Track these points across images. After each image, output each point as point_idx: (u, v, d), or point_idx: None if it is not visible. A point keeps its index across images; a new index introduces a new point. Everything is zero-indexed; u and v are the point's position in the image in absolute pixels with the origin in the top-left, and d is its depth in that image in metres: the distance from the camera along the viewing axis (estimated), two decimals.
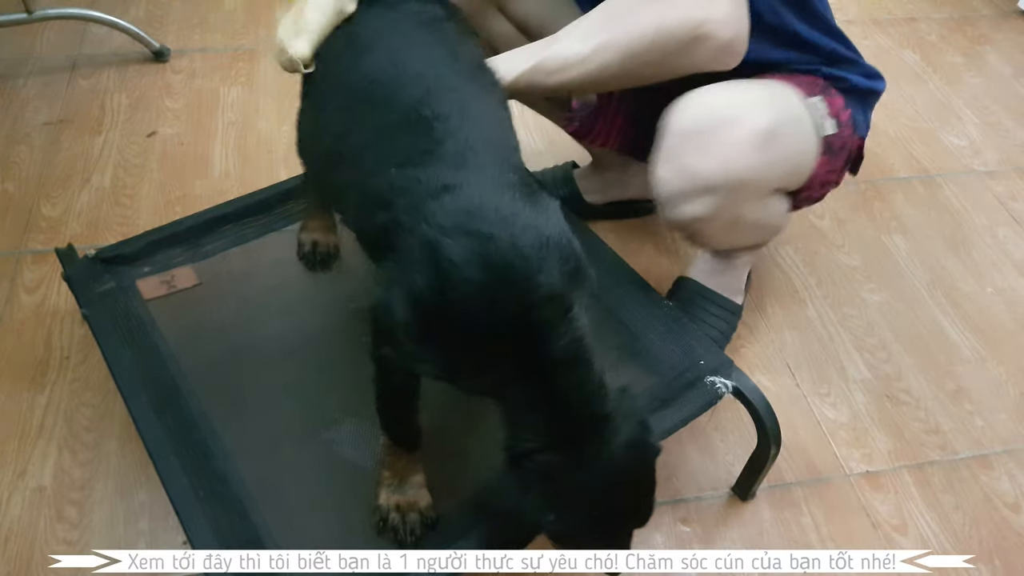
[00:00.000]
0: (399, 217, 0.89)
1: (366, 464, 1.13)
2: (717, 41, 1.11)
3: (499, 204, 0.87)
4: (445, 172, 0.90)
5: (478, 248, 0.83)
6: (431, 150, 0.92)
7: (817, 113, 1.25)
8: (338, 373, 1.25)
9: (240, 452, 1.13)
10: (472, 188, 0.88)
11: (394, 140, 0.95)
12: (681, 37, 1.11)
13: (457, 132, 0.93)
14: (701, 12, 1.09)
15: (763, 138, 1.15)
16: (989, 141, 2.07)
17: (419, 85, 0.97)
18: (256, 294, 1.36)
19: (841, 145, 1.30)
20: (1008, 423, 1.45)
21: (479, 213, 0.85)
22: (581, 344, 0.87)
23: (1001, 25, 2.52)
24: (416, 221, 0.87)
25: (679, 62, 1.14)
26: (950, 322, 1.62)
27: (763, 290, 1.63)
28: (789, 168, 1.25)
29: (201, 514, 1.03)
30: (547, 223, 0.88)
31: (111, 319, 1.26)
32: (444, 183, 0.88)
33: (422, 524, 1.04)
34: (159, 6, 2.28)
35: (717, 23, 1.09)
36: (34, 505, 1.21)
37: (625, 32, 1.13)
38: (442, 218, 0.85)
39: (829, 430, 1.41)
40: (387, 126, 0.97)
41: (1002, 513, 1.32)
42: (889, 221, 1.83)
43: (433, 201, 0.87)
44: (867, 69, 1.35)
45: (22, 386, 1.36)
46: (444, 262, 0.83)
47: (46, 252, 1.56)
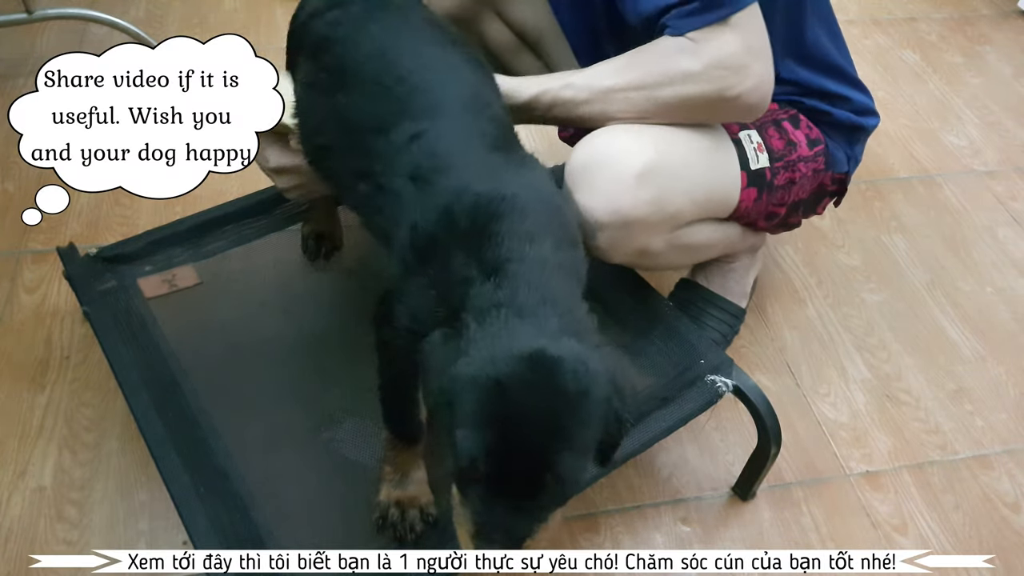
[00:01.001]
0: (380, 182, 0.94)
1: (367, 463, 1.13)
2: (744, 105, 1.13)
3: (467, 146, 0.92)
4: (412, 124, 0.94)
5: (443, 181, 0.88)
6: (400, 110, 0.96)
7: (748, 147, 1.24)
8: (338, 372, 1.25)
9: (241, 450, 1.13)
10: (439, 133, 0.92)
11: (370, 110, 0.99)
12: (712, 98, 1.11)
13: (427, 88, 0.96)
14: (736, 80, 1.09)
15: (642, 176, 1.12)
16: (989, 141, 2.07)
17: (389, 57, 1.01)
18: (257, 293, 1.36)
19: (789, 180, 1.28)
20: (1008, 423, 1.45)
21: (444, 154, 0.90)
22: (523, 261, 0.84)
23: (1001, 25, 2.52)
24: (389, 179, 0.92)
25: (701, 117, 1.17)
26: (950, 322, 1.62)
27: (763, 290, 1.63)
28: (699, 200, 1.22)
29: (202, 511, 1.03)
30: (520, 167, 0.94)
31: (112, 317, 1.26)
32: (411, 134, 0.93)
33: (422, 521, 1.04)
34: (159, 6, 2.28)
35: (748, 89, 1.11)
36: (34, 505, 1.21)
37: (656, 83, 1.12)
38: (408, 166, 0.90)
39: (829, 430, 1.41)
40: (361, 100, 1.01)
41: (1002, 513, 1.32)
42: (889, 221, 1.83)
43: (402, 154, 0.92)
44: (859, 105, 1.35)
45: (22, 386, 1.36)
46: (408, 197, 0.88)
47: (46, 252, 1.56)
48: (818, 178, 1.33)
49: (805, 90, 1.31)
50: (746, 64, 1.10)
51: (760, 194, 1.27)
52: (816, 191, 1.36)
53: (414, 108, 0.96)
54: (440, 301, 0.87)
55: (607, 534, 1.24)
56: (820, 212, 1.45)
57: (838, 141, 1.35)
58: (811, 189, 1.34)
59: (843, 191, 1.42)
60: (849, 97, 1.33)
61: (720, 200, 1.25)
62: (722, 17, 1.07)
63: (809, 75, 1.30)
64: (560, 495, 0.77)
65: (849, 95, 1.34)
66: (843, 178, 1.39)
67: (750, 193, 1.26)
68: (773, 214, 1.33)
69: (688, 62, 1.09)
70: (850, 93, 1.34)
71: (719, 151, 1.23)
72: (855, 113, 1.34)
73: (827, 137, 1.33)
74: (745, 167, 1.24)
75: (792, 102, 1.32)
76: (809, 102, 1.31)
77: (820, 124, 1.33)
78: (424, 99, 0.96)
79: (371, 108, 1.00)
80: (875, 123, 1.38)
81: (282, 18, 2.21)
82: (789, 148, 1.28)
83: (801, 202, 1.35)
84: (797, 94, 1.31)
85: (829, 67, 1.32)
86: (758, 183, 1.26)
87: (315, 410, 1.20)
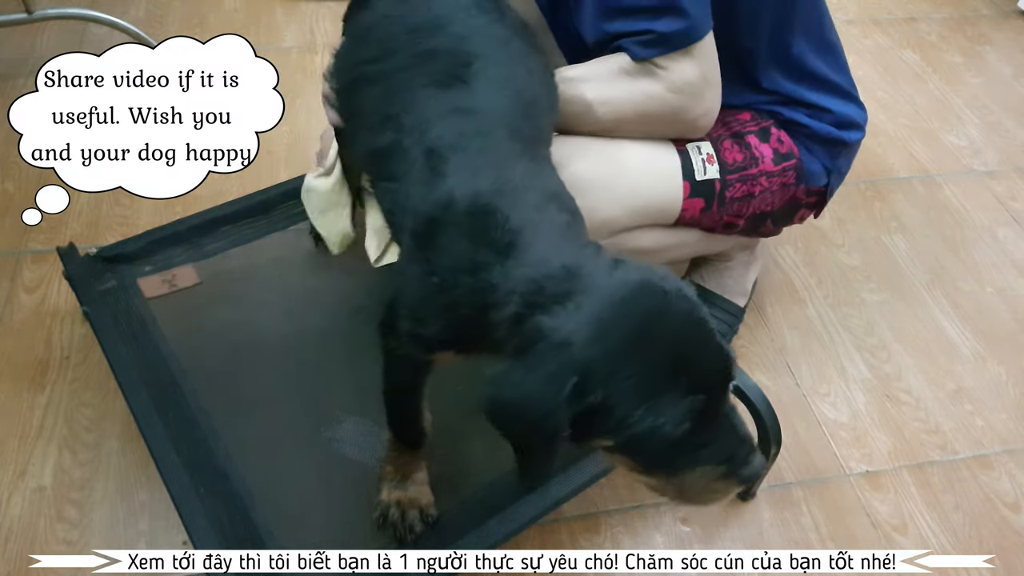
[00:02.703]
0: (402, 138, 0.91)
1: (367, 462, 1.13)
2: (695, 127, 1.21)
3: (499, 135, 0.90)
4: (463, 97, 0.92)
5: (468, 162, 0.86)
6: (462, 78, 0.94)
7: (696, 158, 1.25)
8: (338, 372, 1.25)
9: (241, 450, 1.13)
10: (481, 117, 0.91)
11: (429, 63, 0.97)
12: (668, 118, 1.19)
13: (487, 73, 0.95)
14: (693, 103, 1.17)
15: (570, 186, 1.13)
16: (989, 141, 2.07)
17: (465, 25, 1.00)
18: (257, 293, 1.36)
19: (747, 193, 1.29)
20: (1008, 423, 1.45)
21: (476, 136, 0.89)
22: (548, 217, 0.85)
23: (1001, 25, 2.52)
24: (413, 142, 0.90)
25: (654, 131, 1.23)
26: (950, 322, 1.62)
27: (763, 290, 1.63)
28: (635, 207, 1.23)
29: (202, 511, 1.03)
30: (540, 170, 0.92)
31: (112, 317, 1.26)
32: (457, 106, 0.91)
33: (422, 522, 1.04)
34: (159, 6, 2.28)
35: (701, 114, 1.19)
36: (34, 505, 1.21)
37: (625, 98, 1.17)
38: (442, 134, 0.89)
39: (829, 430, 1.41)
40: (427, 51, 0.98)
41: (1002, 513, 1.32)
42: (889, 221, 1.83)
43: (440, 120, 0.90)
44: (841, 118, 1.34)
45: (22, 386, 1.36)
46: (438, 173, 0.86)
47: (46, 252, 1.56)
48: (788, 192, 1.33)
49: (785, 100, 1.31)
50: (702, 92, 1.17)
51: (709, 204, 1.27)
52: (788, 203, 1.36)
53: (473, 87, 0.94)
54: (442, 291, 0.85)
55: (607, 534, 1.24)
56: (799, 222, 1.44)
57: (817, 154, 1.34)
58: (780, 202, 1.34)
59: (823, 203, 1.42)
60: (831, 109, 1.33)
61: (659, 208, 1.26)
62: (680, 48, 1.12)
63: (792, 86, 1.30)
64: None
65: (831, 107, 1.33)
66: (822, 191, 1.39)
67: (695, 203, 1.26)
68: (731, 224, 1.33)
69: (649, 85, 1.15)
70: (833, 105, 1.33)
71: (659, 160, 1.24)
72: (836, 126, 1.33)
73: (804, 150, 1.33)
74: (689, 177, 1.25)
75: (771, 112, 1.32)
76: (789, 113, 1.32)
77: (798, 136, 1.33)
78: (483, 84, 0.94)
79: (433, 64, 0.96)
80: (857, 137, 1.37)
81: (282, 18, 2.21)
82: (749, 161, 1.28)
83: (768, 214, 1.34)
84: (778, 103, 1.31)
85: (814, 78, 1.31)
86: (705, 193, 1.26)
87: (315, 410, 1.20)
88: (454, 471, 1.14)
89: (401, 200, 0.91)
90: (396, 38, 1.01)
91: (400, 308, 0.91)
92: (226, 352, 1.27)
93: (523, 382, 0.75)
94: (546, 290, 0.77)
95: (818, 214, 1.45)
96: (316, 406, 1.20)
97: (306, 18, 2.22)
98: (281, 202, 1.48)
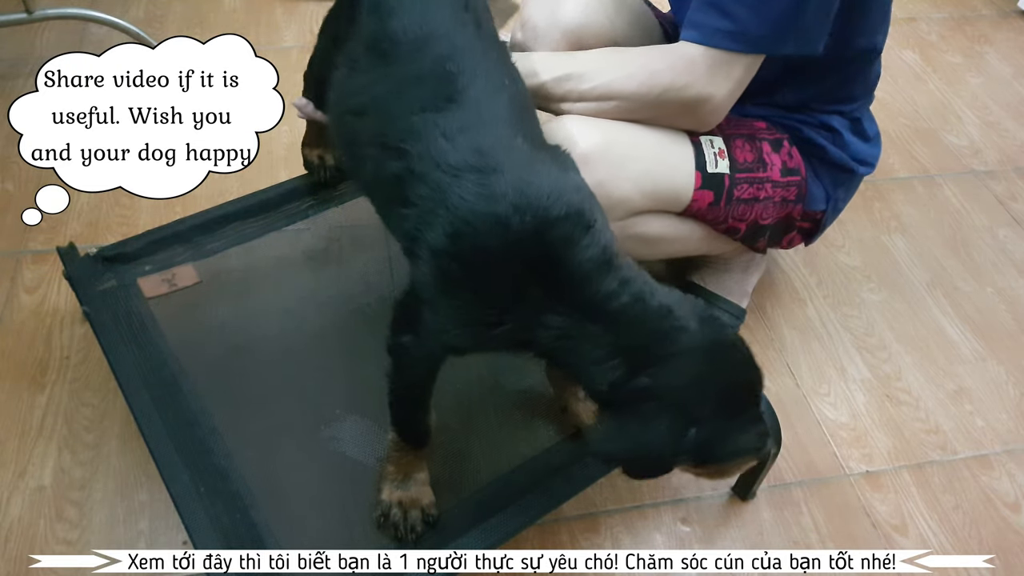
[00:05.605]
0: (412, 165, 0.91)
1: (367, 461, 1.13)
2: (704, 119, 1.22)
3: (511, 144, 0.91)
4: (463, 116, 0.92)
5: (487, 181, 0.86)
6: (453, 98, 0.94)
7: (708, 150, 1.26)
8: (339, 371, 1.25)
9: (241, 450, 1.13)
10: (485, 130, 0.91)
11: (417, 89, 0.97)
12: (680, 104, 1.19)
13: (477, 87, 0.95)
14: (709, 89, 1.16)
15: (584, 159, 1.12)
16: (989, 141, 2.07)
17: (445, 44, 0.99)
18: (257, 292, 1.36)
19: (753, 196, 1.29)
20: (1008, 423, 1.45)
21: (490, 151, 0.89)
22: (610, 249, 0.88)
23: (1001, 25, 2.52)
24: (428, 167, 0.90)
25: (664, 120, 1.23)
26: (950, 322, 1.62)
27: (763, 290, 1.63)
28: (647, 190, 1.23)
29: (202, 511, 1.03)
30: (562, 165, 0.93)
31: (112, 317, 1.26)
32: (460, 125, 0.91)
33: (423, 522, 1.04)
34: (159, 6, 2.28)
35: (715, 105, 1.18)
36: (34, 505, 1.21)
37: (638, 85, 1.18)
38: (453, 157, 0.88)
39: (829, 430, 1.41)
40: (412, 77, 0.98)
41: (1002, 513, 1.32)
42: (889, 221, 1.83)
43: (447, 142, 0.90)
44: (860, 154, 1.36)
45: (22, 386, 1.36)
46: (454, 199, 0.86)
47: (46, 252, 1.56)
48: (786, 208, 1.33)
49: (810, 118, 1.33)
50: (724, 106, 1.19)
51: (718, 199, 1.27)
52: (783, 220, 1.36)
53: (467, 102, 0.94)
54: (486, 315, 0.88)
55: (607, 534, 1.24)
56: (786, 246, 1.45)
57: (823, 178, 1.35)
58: (777, 216, 1.34)
59: (816, 231, 1.42)
60: (849, 144, 1.35)
61: (670, 193, 1.26)
62: (740, 50, 1.14)
63: (823, 105, 1.33)
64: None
65: (850, 141, 1.35)
66: (818, 217, 1.39)
67: (705, 195, 1.26)
68: (734, 228, 1.33)
69: (685, 77, 1.16)
70: (854, 140, 1.35)
71: (673, 147, 1.25)
72: (851, 157, 1.35)
73: (811, 171, 1.33)
74: (701, 168, 1.25)
75: (788, 127, 1.33)
76: (808, 132, 1.32)
77: (811, 158, 1.33)
78: (475, 94, 0.94)
79: (423, 88, 0.96)
80: (865, 172, 1.39)
81: (282, 18, 2.21)
82: (758, 164, 1.29)
83: (765, 227, 1.34)
84: (798, 122, 1.33)
85: (844, 112, 1.34)
86: (715, 187, 1.26)
87: (315, 409, 1.20)
88: (454, 471, 1.14)
89: (425, 220, 0.91)
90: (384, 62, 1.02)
91: (428, 314, 0.92)
92: (226, 352, 1.27)
93: (644, 437, 0.89)
94: (650, 349, 0.88)
95: (808, 243, 1.45)
96: (316, 406, 1.20)
97: (306, 18, 2.22)
98: (281, 202, 1.48)
